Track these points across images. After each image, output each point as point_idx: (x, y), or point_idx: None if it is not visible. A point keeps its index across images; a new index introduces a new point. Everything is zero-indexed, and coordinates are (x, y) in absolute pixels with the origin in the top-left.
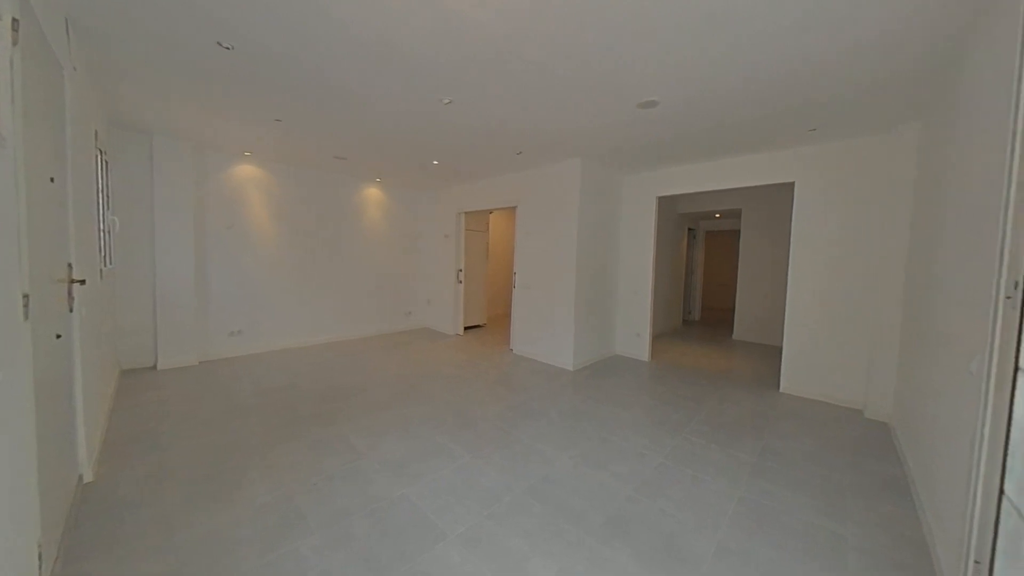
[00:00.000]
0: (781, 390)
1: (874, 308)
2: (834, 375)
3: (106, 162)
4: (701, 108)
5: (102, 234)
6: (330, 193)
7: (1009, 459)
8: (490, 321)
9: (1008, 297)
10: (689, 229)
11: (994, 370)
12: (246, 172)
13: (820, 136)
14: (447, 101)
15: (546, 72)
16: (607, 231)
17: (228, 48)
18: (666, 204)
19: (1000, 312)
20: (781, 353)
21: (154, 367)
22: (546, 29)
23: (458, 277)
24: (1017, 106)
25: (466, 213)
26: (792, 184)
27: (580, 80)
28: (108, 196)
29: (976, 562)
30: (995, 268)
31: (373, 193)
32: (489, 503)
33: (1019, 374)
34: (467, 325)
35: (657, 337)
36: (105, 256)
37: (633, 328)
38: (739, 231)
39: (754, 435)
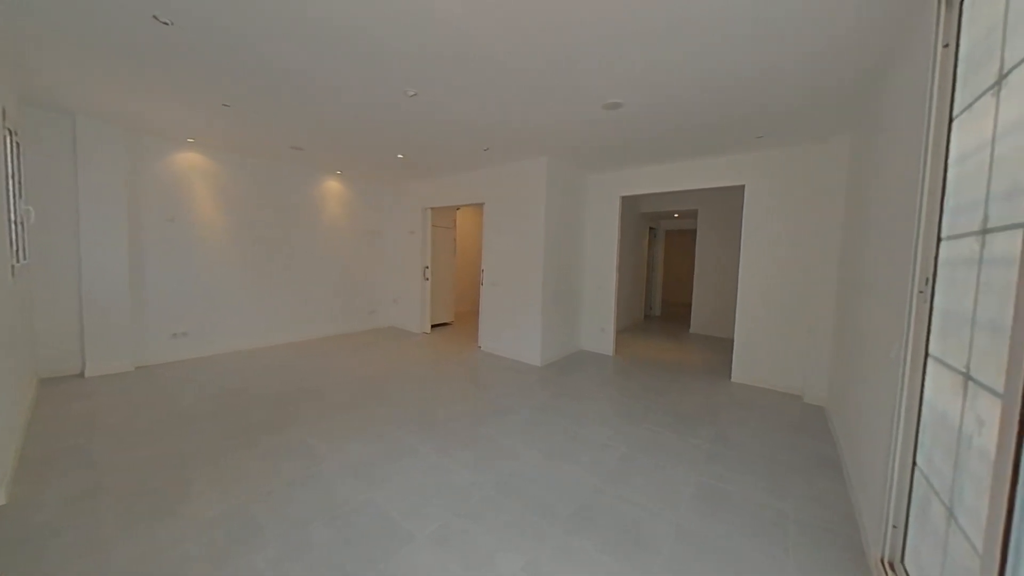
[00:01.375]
0: (732, 379)
1: (811, 303)
2: (778, 364)
3: (18, 144)
4: (662, 112)
5: (13, 226)
6: (287, 185)
7: (921, 435)
8: (458, 319)
9: (920, 292)
10: (650, 228)
11: (909, 357)
12: (190, 160)
13: (767, 143)
14: (412, 93)
15: (513, 69)
16: (573, 229)
17: (166, 23)
18: (629, 204)
19: (914, 305)
20: (733, 345)
21: (81, 374)
22: (513, 25)
23: (425, 274)
24: (929, 123)
25: (433, 209)
26: (743, 187)
27: (547, 79)
28: (20, 183)
29: (894, 527)
30: (910, 266)
31: (333, 186)
32: (458, 502)
33: (929, 360)
34: (434, 323)
35: (620, 332)
36: (17, 251)
37: (598, 323)
38: (696, 231)
39: (709, 422)
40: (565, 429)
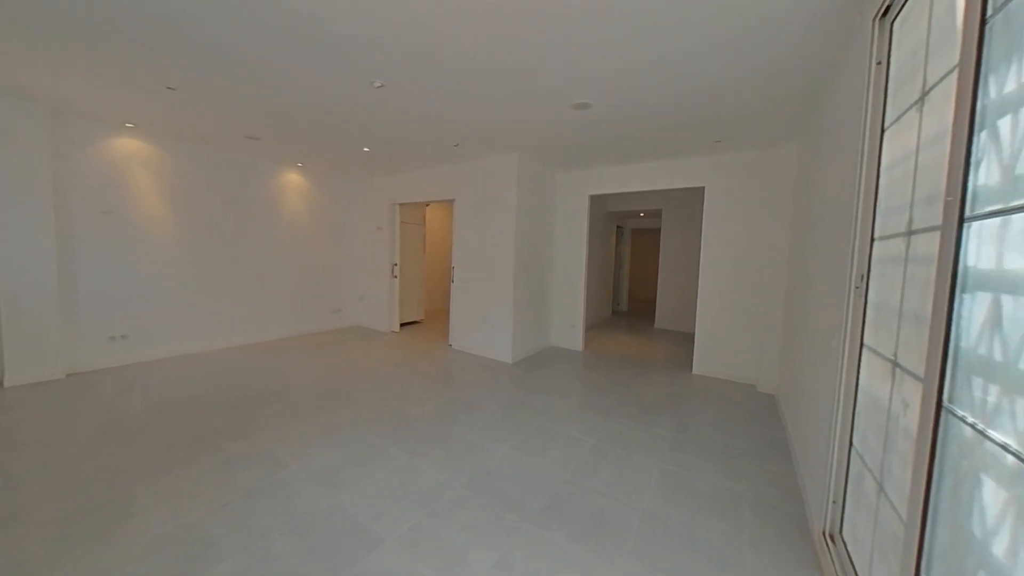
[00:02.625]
0: (693, 372)
1: (764, 299)
2: (734, 356)
3: None
4: (628, 113)
5: None
6: (241, 177)
7: (857, 418)
8: (428, 316)
9: (857, 287)
10: (617, 227)
11: (847, 347)
12: (128, 147)
13: (724, 147)
14: (378, 85)
15: (483, 64)
16: (543, 226)
17: None
18: (597, 203)
19: (851, 300)
20: (694, 339)
21: (0, 384)
22: (482, 19)
23: (393, 271)
24: (864, 133)
25: (401, 205)
26: (703, 189)
27: (517, 76)
28: None
29: (834, 502)
30: (848, 264)
31: (294, 179)
32: (429, 502)
33: (864, 349)
34: (403, 321)
35: (590, 328)
36: None
37: (568, 320)
38: (660, 230)
39: (672, 413)
40: (536, 424)
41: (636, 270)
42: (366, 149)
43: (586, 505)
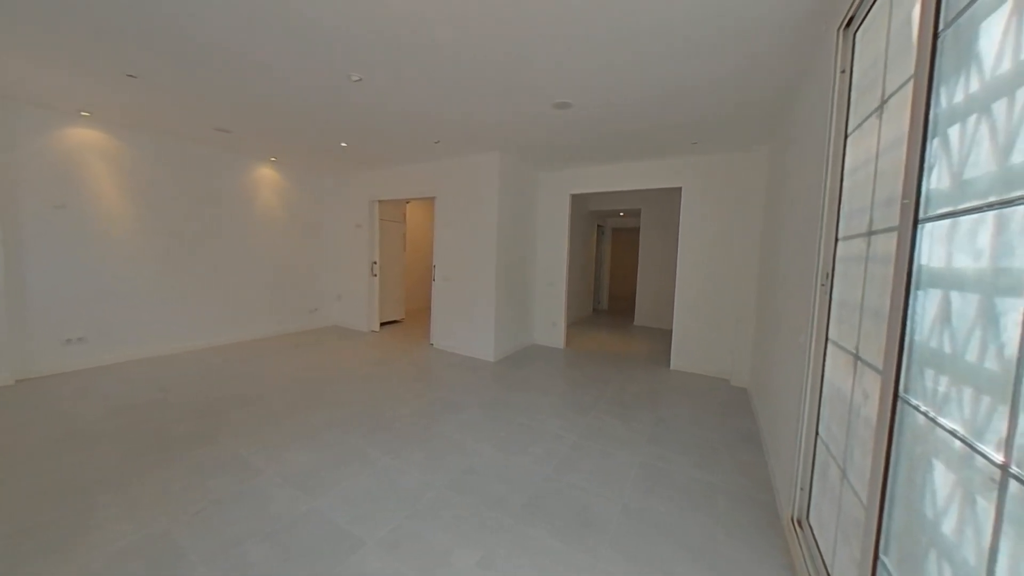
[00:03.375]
0: (671, 367)
1: (738, 296)
2: (709, 352)
3: None
4: (608, 114)
5: None
6: (210, 171)
7: (823, 408)
8: (409, 315)
9: (823, 285)
10: (598, 226)
11: (813, 341)
12: (84, 138)
13: (701, 149)
14: (356, 78)
15: (464, 61)
16: (525, 225)
17: None
18: (578, 202)
19: (817, 297)
20: (672, 336)
21: None
22: (462, 15)
23: (372, 270)
24: (829, 138)
25: (380, 202)
26: (680, 189)
27: (498, 73)
28: None
29: (801, 489)
30: (814, 263)
31: (267, 174)
32: (410, 503)
33: (829, 344)
34: (383, 321)
35: (571, 325)
36: None
37: (550, 318)
38: (639, 229)
39: (650, 408)
40: (518, 422)
41: (616, 268)
42: (344, 144)
43: (568, 501)
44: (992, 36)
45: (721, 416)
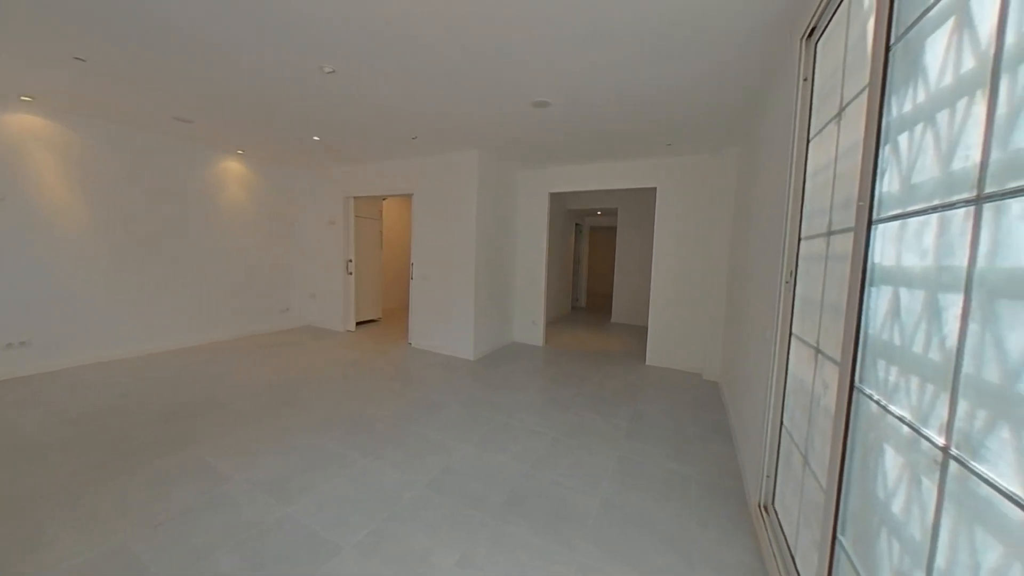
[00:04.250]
0: (647, 363)
1: (710, 293)
2: (683, 347)
3: None
4: (586, 114)
5: None
6: (171, 164)
7: (787, 400)
8: (386, 315)
9: (787, 282)
10: (576, 225)
11: (778, 336)
12: (26, 125)
13: (674, 150)
14: (329, 70)
15: (442, 56)
16: (504, 223)
17: None
18: (557, 200)
19: (782, 293)
20: (647, 332)
21: None
22: (436, 8)
23: (348, 268)
24: (793, 142)
25: (356, 198)
26: (655, 189)
27: (477, 70)
28: None
29: (767, 476)
30: (779, 261)
31: (234, 168)
32: (388, 505)
33: (792, 338)
34: (359, 320)
35: (550, 323)
36: None
37: (529, 316)
38: (616, 228)
39: (627, 403)
40: (497, 420)
41: (594, 266)
42: (316, 138)
43: (547, 496)
44: (936, 51)
45: (694, 409)
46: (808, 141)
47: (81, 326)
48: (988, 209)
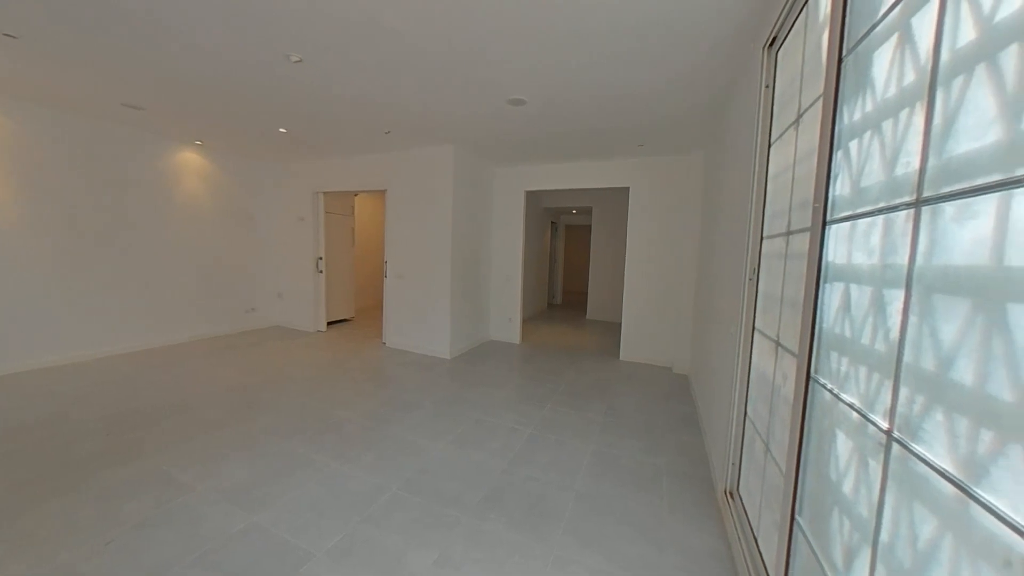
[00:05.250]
0: (621, 358)
1: (680, 290)
2: (654, 342)
3: None
4: (561, 113)
5: None
6: (120, 154)
7: (750, 391)
8: (359, 314)
9: (750, 279)
10: (552, 222)
11: (742, 331)
12: None
13: (646, 151)
14: (296, 59)
15: (412, 47)
16: (480, 220)
17: None
18: (533, 198)
19: (745, 290)
20: (621, 328)
21: None
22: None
23: (318, 266)
24: (756, 146)
25: (326, 193)
26: (628, 189)
27: (452, 65)
28: None
29: (733, 464)
30: (743, 260)
31: (191, 160)
32: (362, 508)
33: (756, 332)
34: (331, 320)
35: (526, 320)
36: None
37: (506, 313)
38: (591, 226)
39: (601, 397)
40: (474, 418)
41: (569, 264)
42: (283, 130)
43: (524, 492)
44: (883, 64)
45: (665, 402)
46: (770, 145)
47: (19, 329)
48: (926, 212)
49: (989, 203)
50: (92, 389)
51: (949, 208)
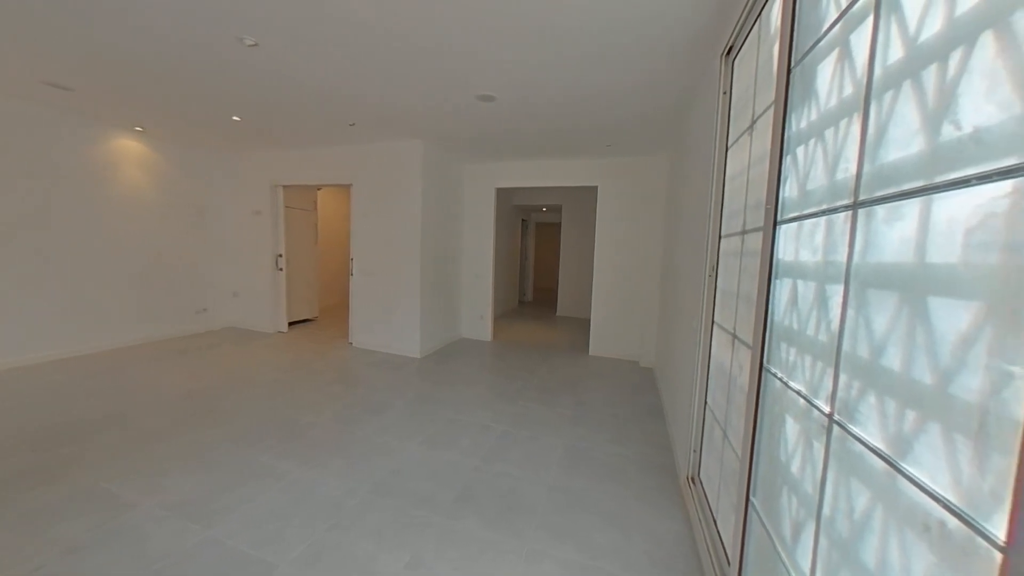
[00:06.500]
0: (590, 353)
1: (644, 286)
2: (622, 337)
3: None
4: (530, 111)
5: None
6: (42, 139)
7: (710, 381)
8: (324, 313)
9: (710, 276)
10: (522, 220)
11: (703, 325)
12: None
13: (614, 151)
14: (251, 43)
15: (380, 39)
16: (450, 217)
17: None
18: (503, 196)
19: (706, 286)
20: (590, 324)
21: None
22: None
23: (277, 263)
24: (715, 148)
25: (285, 187)
26: (596, 188)
27: (416, 55)
28: None
29: (694, 451)
30: (704, 257)
31: (131, 147)
32: (329, 514)
33: (714, 326)
34: (293, 320)
35: (498, 317)
36: None
37: (477, 311)
38: (561, 224)
39: (572, 392)
40: (445, 417)
41: (540, 262)
42: (236, 118)
43: (496, 489)
44: (825, 76)
45: (632, 394)
46: (727, 149)
47: None
48: (862, 214)
49: (913, 206)
50: (16, 401)
51: (881, 211)
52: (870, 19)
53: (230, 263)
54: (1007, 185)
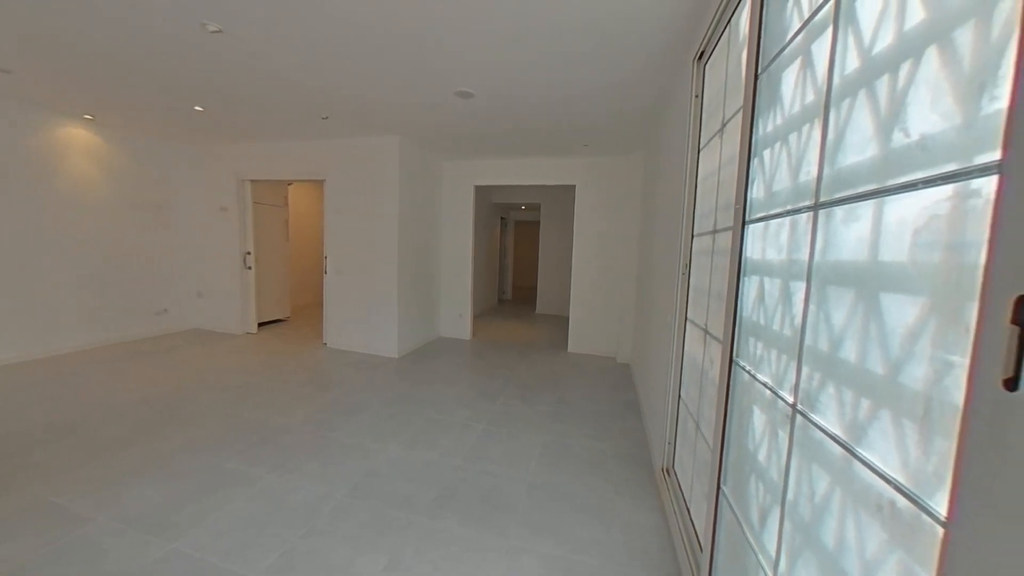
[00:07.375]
0: (569, 350)
1: (621, 284)
2: (599, 334)
3: None
4: (509, 109)
5: None
6: None
7: (683, 375)
8: (296, 313)
9: (683, 274)
10: (501, 218)
11: (676, 321)
12: None
13: (591, 151)
14: (214, 29)
15: (354, 30)
16: (428, 214)
17: None
18: (482, 194)
19: (679, 284)
20: (569, 321)
21: None
22: None
23: (246, 262)
24: (687, 150)
25: (253, 182)
26: (574, 187)
27: (395, 51)
28: None
29: (669, 443)
30: (677, 256)
31: (80, 136)
32: (304, 520)
33: (687, 322)
34: (263, 320)
35: (477, 316)
36: None
37: (456, 309)
38: (540, 222)
39: (551, 389)
40: (425, 416)
41: (519, 260)
42: (199, 108)
43: (477, 487)
44: (790, 83)
45: (609, 390)
46: (699, 151)
47: None
48: (822, 214)
49: (867, 208)
50: None
51: (839, 211)
52: (830, 29)
53: (194, 262)
54: (948, 189)
